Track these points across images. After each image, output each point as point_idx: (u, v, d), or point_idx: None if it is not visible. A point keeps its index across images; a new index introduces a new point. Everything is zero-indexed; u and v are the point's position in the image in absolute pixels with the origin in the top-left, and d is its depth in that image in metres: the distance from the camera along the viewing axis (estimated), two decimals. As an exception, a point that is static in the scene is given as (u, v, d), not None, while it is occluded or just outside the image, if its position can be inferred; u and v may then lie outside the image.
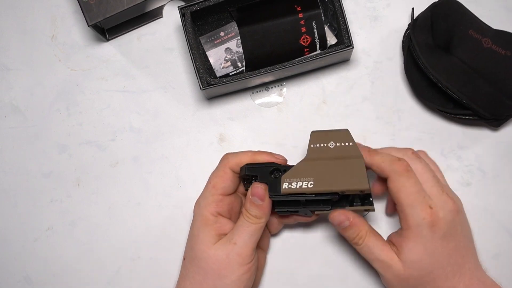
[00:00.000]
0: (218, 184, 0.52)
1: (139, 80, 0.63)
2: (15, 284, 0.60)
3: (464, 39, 0.56)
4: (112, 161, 0.62)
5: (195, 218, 0.53)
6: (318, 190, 0.49)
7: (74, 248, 0.60)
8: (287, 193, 0.50)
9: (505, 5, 0.62)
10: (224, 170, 0.52)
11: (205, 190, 0.53)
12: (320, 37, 0.58)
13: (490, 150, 0.59)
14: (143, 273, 0.59)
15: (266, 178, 0.51)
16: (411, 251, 0.48)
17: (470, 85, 0.55)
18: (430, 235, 0.48)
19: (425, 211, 0.48)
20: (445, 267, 0.49)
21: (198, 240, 0.51)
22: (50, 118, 0.63)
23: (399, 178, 0.49)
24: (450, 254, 0.49)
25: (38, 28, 0.64)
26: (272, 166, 0.51)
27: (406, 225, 0.49)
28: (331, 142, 0.51)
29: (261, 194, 0.50)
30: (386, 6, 0.63)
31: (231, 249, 0.50)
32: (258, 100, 0.62)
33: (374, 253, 0.50)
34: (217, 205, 0.52)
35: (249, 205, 0.50)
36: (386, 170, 0.50)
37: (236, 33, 0.60)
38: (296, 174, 0.50)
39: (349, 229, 0.50)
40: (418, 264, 0.48)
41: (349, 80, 0.62)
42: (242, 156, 0.53)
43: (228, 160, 0.53)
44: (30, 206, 0.61)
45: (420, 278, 0.48)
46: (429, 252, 0.48)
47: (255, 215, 0.50)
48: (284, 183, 0.50)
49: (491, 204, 0.58)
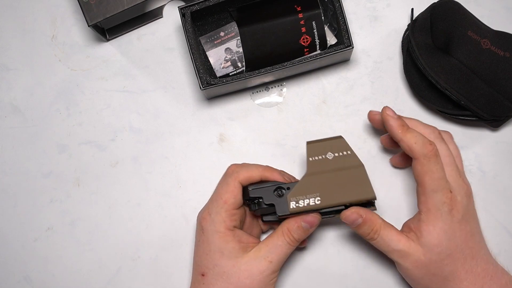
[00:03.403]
0: (230, 200, 0.51)
1: (139, 80, 0.63)
2: (15, 284, 0.60)
3: (463, 40, 0.56)
4: (112, 161, 0.62)
5: (210, 234, 0.51)
6: (326, 205, 0.50)
7: (74, 248, 0.60)
8: (295, 212, 0.50)
9: (505, 5, 0.62)
10: (234, 185, 0.51)
11: (215, 205, 0.52)
12: (320, 37, 0.58)
13: (490, 150, 0.60)
14: (143, 273, 0.59)
15: (271, 198, 0.51)
16: (430, 234, 0.49)
17: (469, 86, 0.55)
18: (449, 219, 0.49)
19: (446, 196, 0.49)
20: (464, 250, 0.50)
21: (223, 256, 0.50)
22: (50, 118, 0.63)
23: (427, 163, 0.49)
24: (467, 238, 0.50)
25: (38, 28, 0.64)
26: (275, 184, 0.51)
27: (426, 208, 0.49)
28: (329, 153, 0.51)
29: (315, 223, 0.51)
30: (386, 6, 0.63)
31: (266, 267, 0.50)
32: (258, 100, 0.62)
33: (390, 245, 0.50)
34: (231, 220, 0.51)
35: (296, 229, 0.51)
36: (416, 152, 0.50)
37: (236, 33, 0.60)
38: (302, 192, 0.50)
39: (362, 225, 0.50)
40: (438, 248, 0.49)
41: (349, 80, 0.62)
42: (252, 171, 0.52)
43: (238, 174, 0.51)
44: (30, 206, 0.61)
45: (440, 261, 0.49)
46: (448, 235, 0.49)
47: (298, 239, 0.51)
48: (291, 202, 0.50)
49: (491, 204, 0.58)
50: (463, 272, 0.50)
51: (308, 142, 0.53)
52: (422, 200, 0.50)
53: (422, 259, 0.49)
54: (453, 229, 0.49)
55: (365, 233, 0.51)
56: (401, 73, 0.61)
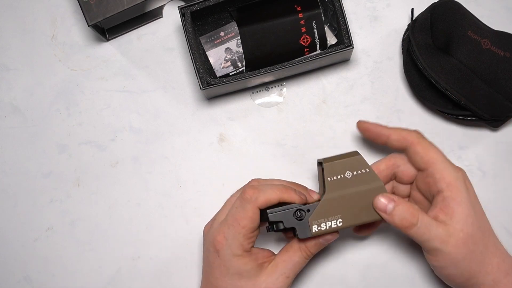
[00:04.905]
0: (248, 225, 0.49)
1: (139, 80, 0.63)
2: (15, 284, 0.60)
3: (463, 40, 0.56)
4: (112, 161, 0.62)
5: (227, 258, 0.50)
6: (348, 226, 0.50)
7: (74, 248, 0.60)
8: (317, 235, 0.50)
9: (505, 5, 0.62)
10: (253, 211, 0.49)
11: (232, 230, 0.50)
12: (320, 37, 0.58)
13: (490, 150, 0.60)
14: (143, 273, 0.59)
15: (291, 221, 0.50)
16: (461, 206, 0.48)
17: (469, 86, 0.55)
18: (467, 190, 0.50)
19: (456, 168, 0.50)
20: (486, 223, 0.50)
21: (242, 278, 0.50)
22: (50, 118, 0.63)
23: (424, 141, 0.51)
24: (483, 212, 0.51)
25: (38, 28, 0.64)
26: (294, 207, 0.50)
27: (446, 184, 0.49)
28: (348, 172, 0.51)
29: (332, 240, 0.52)
30: (386, 6, 0.63)
31: (283, 282, 0.51)
32: (258, 100, 0.62)
33: (431, 230, 0.48)
34: (249, 242, 0.50)
35: (314, 245, 0.51)
36: (411, 136, 0.52)
37: (236, 33, 0.60)
38: (323, 214, 0.50)
39: (397, 209, 0.48)
40: (470, 219, 0.48)
41: (349, 80, 0.62)
42: (270, 195, 0.50)
43: (257, 201, 0.49)
44: (30, 206, 0.61)
45: (474, 234, 0.48)
46: (472, 205, 0.49)
47: (314, 253, 0.52)
48: (313, 226, 0.50)
49: (491, 204, 0.58)
50: (492, 247, 0.50)
51: (325, 160, 0.51)
52: (438, 178, 0.49)
53: (461, 236, 0.48)
54: (473, 199, 0.50)
55: (402, 218, 0.48)
56: (401, 73, 0.61)
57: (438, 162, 0.50)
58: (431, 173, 0.50)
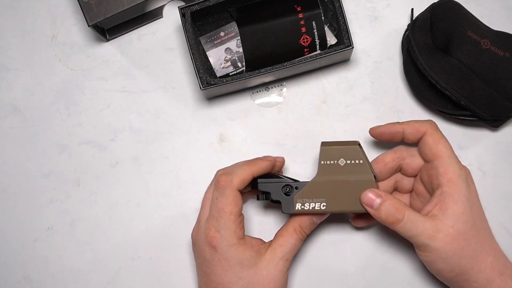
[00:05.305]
0: (234, 210, 0.51)
1: (139, 80, 0.63)
2: (15, 284, 0.60)
3: (462, 40, 0.56)
4: (112, 161, 0.62)
5: (225, 250, 0.50)
6: (330, 211, 0.51)
7: (74, 248, 0.60)
8: (299, 213, 0.52)
9: (505, 5, 0.62)
10: (233, 193, 0.51)
11: (221, 220, 0.50)
12: (320, 37, 0.58)
13: (490, 150, 0.60)
14: (143, 273, 0.59)
15: (278, 195, 0.52)
16: (457, 203, 0.49)
17: (468, 87, 0.55)
18: (468, 187, 0.50)
19: (460, 163, 0.51)
20: (483, 221, 0.51)
21: (243, 267, 0.51)
22: (50, 118, 0.63)
23: (436, 132, 0.52)
24: (481, 209, 0.51)
25: (38, 28, 0.64)
26: (284, 182, 0.52)
27: (447, 179, 0.49)
28: (342, 159, 0.52)
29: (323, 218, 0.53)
30: (386, 6, 0.63)
31: (283, 265, 0.52)
32: (258, 100, 0.62)
33: (418, 226, 0.48)
34: (241, 228, 0.52)
35: (309, 225, 0.53)
36: (423, 126, 0.52)
37: (236, 33, 0.60)
38: (309, 194, 0.51)
39: (383, 205, 0.49)
40: (464, 216, 0.49)
41: (349, 80, 0.62)
42: (242, 174, 0.51)
43: (232, 183, 0.51)
44: (30, 206, 0.61)
45: (467, 232, 0.48)
46: (470, 204, 0.49)
47: (308, 233, 0.53)
48: (297, 204, 0.51)
49: (491, 204, 0.58)
50: (487, 245, 0.50)
51: (322, 143, 0.53)
52: (441, 172, 0.50)
53: (451, 232, 0.48)
54: (473, 199, 0.50)
55: (388, 213, 0.48)
56: (401, 73, 0.62)
57: (445, 156, 0.50)
58: (435, 165, 0.51)
